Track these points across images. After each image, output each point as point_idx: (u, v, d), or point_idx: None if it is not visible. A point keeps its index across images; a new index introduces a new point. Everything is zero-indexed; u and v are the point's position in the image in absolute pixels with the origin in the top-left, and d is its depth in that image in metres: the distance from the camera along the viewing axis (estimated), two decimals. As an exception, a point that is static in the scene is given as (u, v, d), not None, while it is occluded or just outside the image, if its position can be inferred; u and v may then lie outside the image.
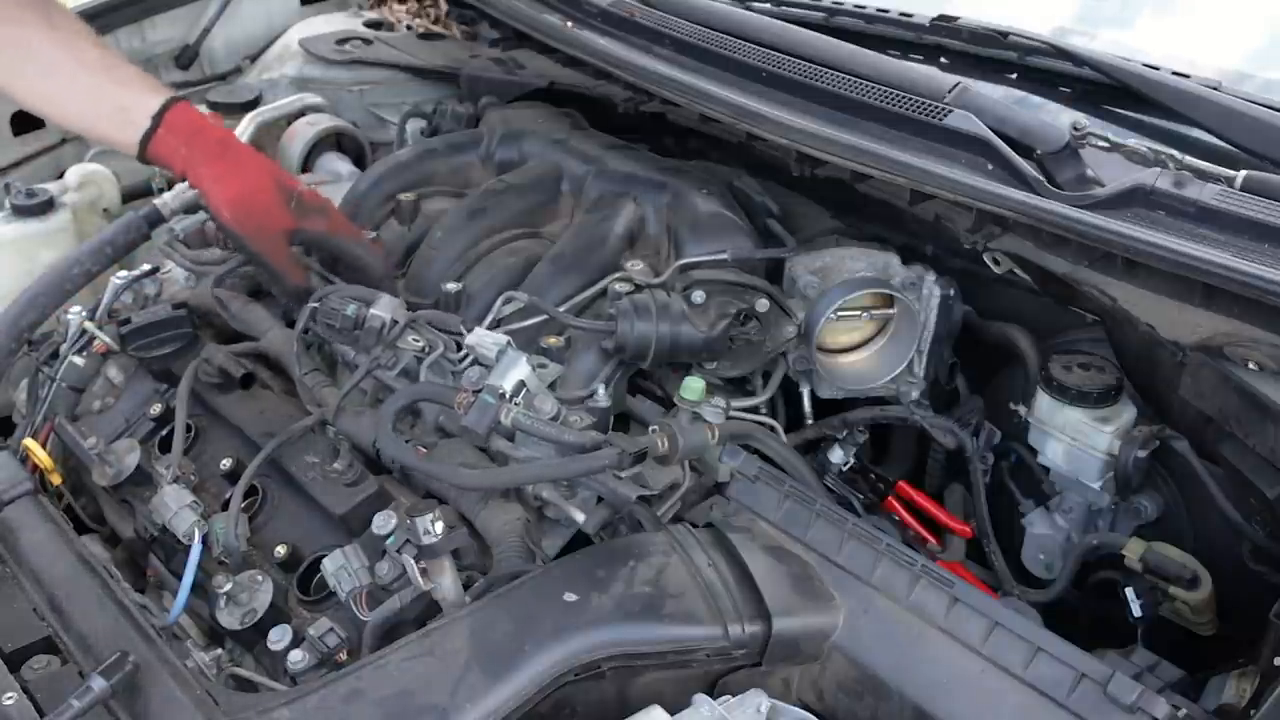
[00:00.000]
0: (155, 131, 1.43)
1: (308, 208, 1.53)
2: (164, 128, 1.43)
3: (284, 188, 1.51)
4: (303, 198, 1.52)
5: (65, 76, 1.43)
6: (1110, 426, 1.39)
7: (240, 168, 1.48)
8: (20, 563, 1.26)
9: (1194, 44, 1.70)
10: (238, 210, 1.47)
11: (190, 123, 1.46)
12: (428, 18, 2.50)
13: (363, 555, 1.30)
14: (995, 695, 1.12)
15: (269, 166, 1.53)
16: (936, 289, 1.53)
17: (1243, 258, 1.19)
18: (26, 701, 1.06)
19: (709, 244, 1.58)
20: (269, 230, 1.50)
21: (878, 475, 1.63)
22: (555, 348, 1.46)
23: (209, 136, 1.47)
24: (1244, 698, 1.11)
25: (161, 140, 1.44)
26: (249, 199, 1.48)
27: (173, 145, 1.45)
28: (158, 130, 1.43)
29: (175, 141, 1.45)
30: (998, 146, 1.34)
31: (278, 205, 1.50)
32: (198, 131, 1.46)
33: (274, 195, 1.50)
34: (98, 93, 1.44)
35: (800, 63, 1.55)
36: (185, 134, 1.45)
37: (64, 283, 1.83)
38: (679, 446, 1.27)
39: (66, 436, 1.56)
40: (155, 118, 1.43)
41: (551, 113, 1.95)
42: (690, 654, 1.16)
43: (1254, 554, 1.31)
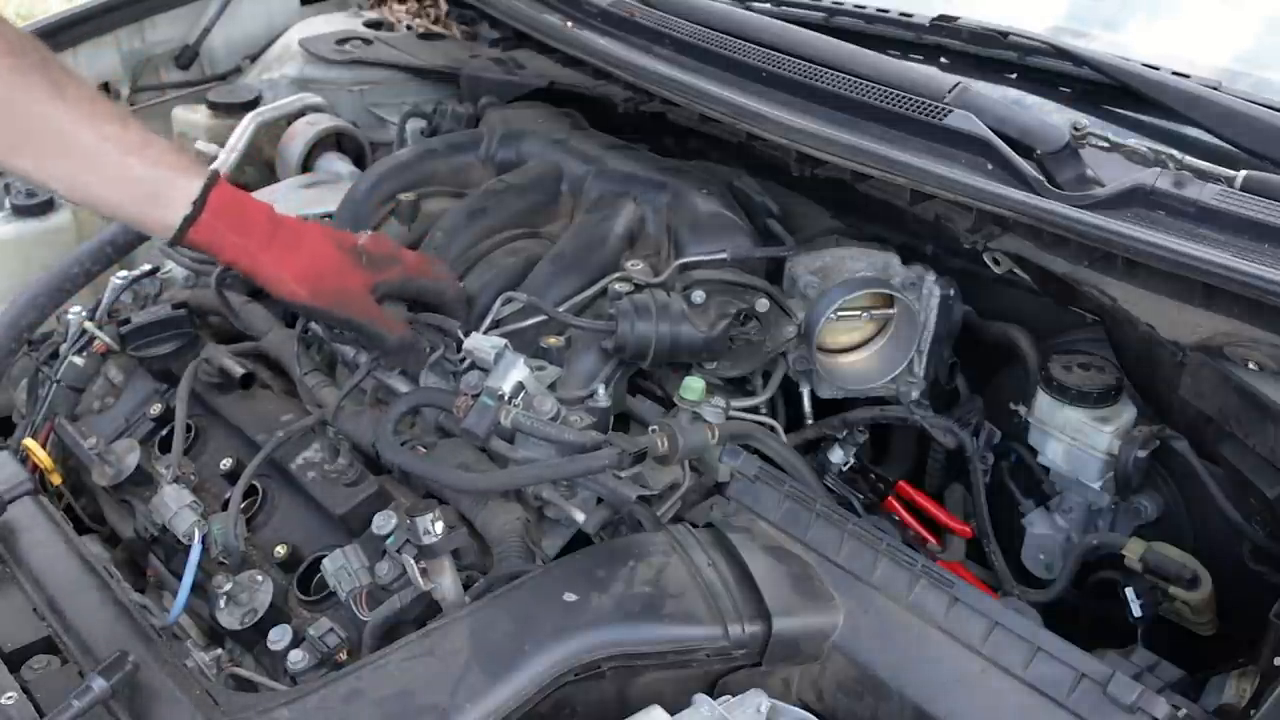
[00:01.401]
0: (198, 218, 1.29)
1: (378, 258, 1.42)
2: (207, 213, 1.29)
3: (348, 247, 1.41)
4: (369, 250, 1.42)
5: (84, 154, 1.26)
6: (1110, 426, 1.39)
7: (298, 242, 1.36)
8: (20, 563, 1.26)
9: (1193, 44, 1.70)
10: (315, 285, 1.35)
11: (235, 205, 1.33)
12: (428, 18, 2.50)
13: (363, 555, 1.30)
14: (995, 695, 1.12)
15: (324, 232, 1.42)
16: (936, 289, 1.53)
17: (1243, 258, 1.19)
18: (26, 701, 1.06)
19: (709, 244, 1.58)
20: (351, 294, 1.38)
21: (878, 475, 1.63)
22: (555, 348, 1.46)
23: (258, 219, 1.35)
24: (1244, 698, 1.11)
25: (205, 226, 1.30)
26: (320, 271, 1.36)
27: (219, 232, 1.31)
28: (200, 217, 1.29)
29: (222, 227, 1.31)
30: (998, 146, 1.34)
31: (349, 266, 1.39)
32: (244, 215, 1.34)
33: (342, 258, 1.39)
34: (124, 173, 1.28)
35: (800, 63, 1.55)
36: (233, 221, 1.32)
37: (64, 283, 1.84)
38: (679, 446, 1.27)
39: (66, 436, 1.56)
40: (197, 203, 1.28)
41: (551, 113, 1.95)
42: (690, 654, 1.16)
43: (1254, 554, 1.31)
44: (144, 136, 1.29)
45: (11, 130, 1.24)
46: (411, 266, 1.45)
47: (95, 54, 2.42)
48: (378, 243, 1.44)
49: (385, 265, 1.42)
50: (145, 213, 1.31)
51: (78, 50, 2.39)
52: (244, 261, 1.34)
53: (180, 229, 1.29)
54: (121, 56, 2.46)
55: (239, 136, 2.15)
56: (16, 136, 1.24)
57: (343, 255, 1.39)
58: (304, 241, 1.37)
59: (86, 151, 1.26)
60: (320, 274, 1.36)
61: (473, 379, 1.39)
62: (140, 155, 1.28)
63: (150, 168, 1.28)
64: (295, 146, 2.15)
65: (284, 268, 1.34)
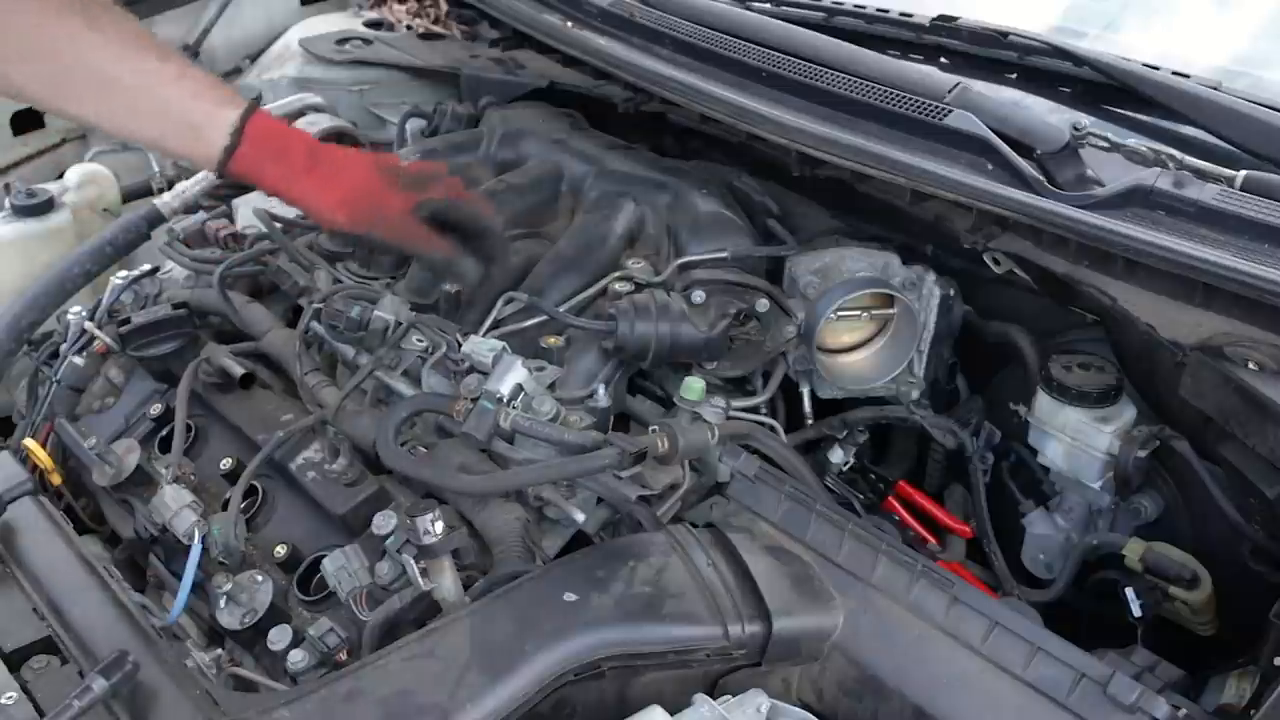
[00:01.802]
0: (237, 149, 1.30)
1: (419, 179, 1.42)
2: (246, 144, 1.30)
3: (387, 170, 1.41)
4: (410, 172, 1.43)
5: (124, 91, 1.27)
6: (1110, 426, 1.39)
7: (337, 169, 1.37)
8: (20, 563, 1.26)
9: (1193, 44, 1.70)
10: (352, 211, 1.36)
11: (273, 135, 1.34)
12: (428, 18, 2.50)
13: (363, 555, 1.30)
14: (995, 695, 1.12)
15: (366, 158, 1.43)
16: (936, 289, 1.53)
17: (1243, 258, 1.19)
18: (26, 701, 1.06)
19: (709, 243, 1.58)
20: (391, 217, 1.38)
21: (878, 475, 1.63)
22: (555, 348, 1.46)
23: (296, 147, 1.36)
24: (1244, 698, 1.11)
25: (245, 157, 1.31)
26: (358, 196, 1.37)
27: (258, 161, 1.32)
28: (239, 147, 1.30)
29: (260, 157, 1.32)
30: (998, 146, 1.34)
31: (389, 190, 1.38)
32: (283, 144, 1.35)
33: (382, 181, 1.39)
34: (164, 108, 1.29)
35: (800, 63, 1.55)
36: (271, 149, 1.33)
37: (64, 283, 1.84)
38: (679, 446, 1.27)
39: (66, 436, 1.56)
40: (235, 134, 1.29)
41: (551, 113, 1.95)
42: (690, 654, 1.16)
43: (1254, 554, 1.31)
44: (181, 69, 1.30)
45: (51, 71, 1.25)
46: (453, 191, 1.44)
47: (95, 54, 2.42)
48: (421, 167, 1.46)
49: (425, 185, 1.41)
50: (187, 145, 1.32)
51: (78, 50, 2.38)
52: (284, 189, 1.35)
53: (221, 160, 1.30)
54: (122, 56, 2.46)
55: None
56: (57, 77, 1.26)
57: (381, 177, 1.39)
58: (343, 169, 1.38)
59: (125, 88, 1.27)
60: (357, 198, 1.36)
61: (471, 382, 1.39)
62: (178, 88, 1.28)
63: (189, 100, 1.29)
64: (295, 146, 2.15)
65: (322, 194, 1.35)
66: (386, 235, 1.39)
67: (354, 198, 1.36)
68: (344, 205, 1.36)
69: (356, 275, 1.68)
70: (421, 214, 1.40)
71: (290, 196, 1.36)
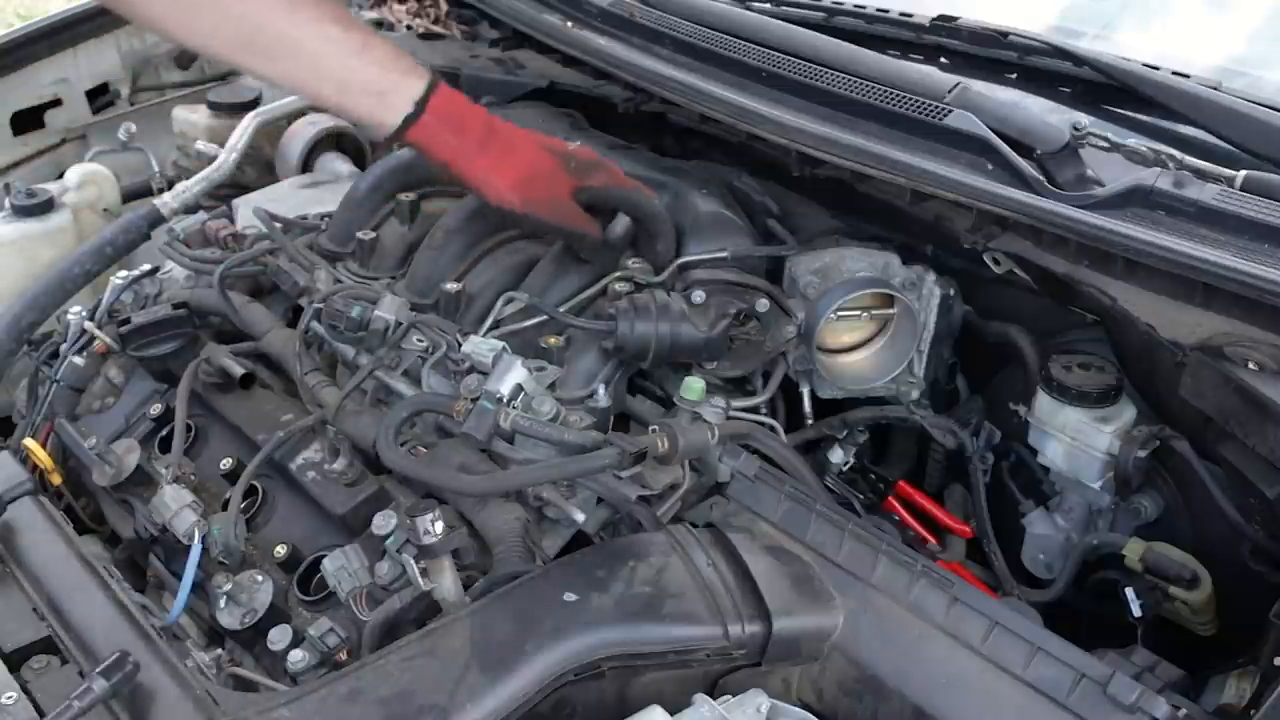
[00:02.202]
0: (419, 119, 1.35)
1: (585, 165, 1.48)
2: (428, 114, 1.35)
3: (558, 154, 1.46)
4: (578, 156, 1.48)
5: (308, 55, 1.33)
6: (1110, 426, 1.39)
7: (513, 149, 1.42)
8: (20, 563, 1.26)
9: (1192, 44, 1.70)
10: (526, 192, 1.41)
11: (455, 110, 1.39)
12: (428, 18, 2.50)
13: (363, 555, 1.30)
14: (995, 695, 1.12)
15: (537, 139, 1.47)
16: (936, 289, 1.53)
17: (1243, 258, 1.19)
18: (26, 701, 1.06)
19: (709, 243, 1.57)
20: (561, 200, 1.45)
21: (878, 475, 1.63)
22: (555, 348, 1.46)
23: (475, 124, 1.40)
24: (1244, 698, 1.11)
25: (425, 127, 1.36)
26: (532, 178, 1.42)
27: (437, 133, 1.37)
28: (421, 118, 1.35)
29: (441, 130, 1.37)
30: (998, 146, 1.34)
31: (559, 173, 1.44)
32: (463, 118, 1.39)
33: (553, 165, 1.44)
34: (348, 76, 1.34)
35: (800, 63, 1.55)
36: (452, 123, 1.38)
37: (64, 283, 1.84)
38: (679, 446, 1.27)
39: (66, 436, 1.56)
40: (419, 104, 1.35)
41: (551, 113, 1.95)
42: (690, 654, 1.16)
43: (1254, 554, 1.31)
44: (365, 38, 1.35)
45: (238, 31, 1.31)
46: (614, 177, 1.51)
47: (95, 54, 2.42)
48: (586, 152, 1.50)
49: (591, 171, 1.47)
50: (369, 110, 1.36)
51: (78, 50, 2.39)
52: (458, 163, 1.39)
53: (399, 128, 1.35)
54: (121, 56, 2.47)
55: (239, 136, 2.15)
56: (244, 37, 1.32)
57: (554, 163, 1.44)
58: (518, 148, 1.42)
59: (311, 53, 1.33)
60: (532, 181, 1.41)
61: (471, 382, 1.39)
62: (361, 58, 1.33)
63: (374, 69, 1.34)
64: (295, 146, 2.15)
65: (497, 173, 1.39)
66: (555, 218, 1.45)
67: (528, 179, 1.41)
68: (518, 186, 1.40)
69: (356, 275, 1.68)
70: (582, 199, 1.46)
71: (462, 171, 1.40)
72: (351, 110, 1.40)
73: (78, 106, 2.43)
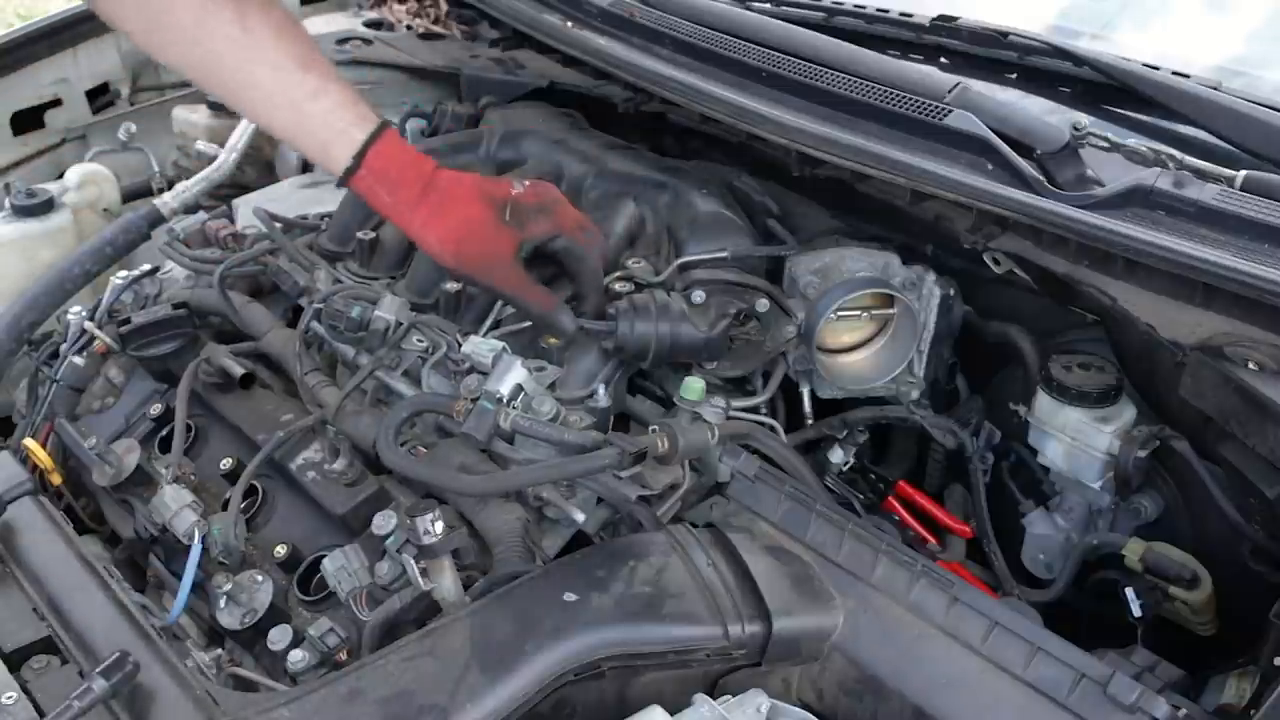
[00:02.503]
0: (356, 171, 1.32)
1: (526, 211, 1.39)
2: (364, 169, 1.32)
3: (497, 203, 1.37)
4: (518, 202, 1.39)
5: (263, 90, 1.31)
6: (1110, 426, 1.39)
7: (447, 202, 1.35)
8: (20, 563, 1.26)
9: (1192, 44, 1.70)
10: (458, 249, 1.35)
11: (393, 164, 1.34)
12: (428, 18, 2.50)
13: (363, 555, 1.30)
14: (995, 695, 1.12)
15: (476, 188, 1.39)
16: (936, 289, 1.53)
17: (1243, 258, 1.19)
18: (26, 702, 1.06)
19: (709, 243, 1.58)
20: (497, 260, 1.36)
21: (878, 475, 1.63)
22: (555, 348, 1.46)
23: (410, 177, 1.35)
24: (1244, 698, 1.11)
25: (361, 180, 1.33)
26: (465, 234, 1.35)
27: (371, 186, 1.34)
28: (359, 170, 1.32)
29: (375, 183, 1.34)
30: (998, 146, 1.34)
31: (495, 228, 1.36)
32: (400, 174, 1.34)
33: (489, 218, 1.36)
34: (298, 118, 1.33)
35: (800, 63, 1.55)
36: (387, 178, 1.34)
37: (64, 283, 1.84)
38: (679, 446, 1.27)
39: (66, 436, 1.56)
40: (356, 157, 1.32)
41: (551, 113, 1.95)
42: (690, 654, 1.16)
43: (1254, 554, 1.31)
44: (320, 84, 1.32)
45: (202, 57, 1.31)
46: (565, 224, 1.43)
47: (95, 54, 2.42)
48: (536, 193, 1.42)
49: (533, 219, 1.40)
50: (316, 157, 1.37)
51: (78, 50, 2.39)
52: (394, 217, 1.37)
53: (341, 179, 1.34)
54: (121, 56, 2.47)
55: (239, 136, 2.16)
56: (207, 64, 1.32)
57: (490, 216, 1.37)
58: (453, 203, 1.36)
59: (265, 91, 1.32)
60: (466, 239, 1.36)
61: (471, 382, 1.39)
62: (313, 102, 1.31)
63: (319, 117, 1.32)
64: (295, 146, 2.15)
65: (430, 230, 1.35)
66: (491, 281, 1.38)
67: (461, 237, 1.35)
68: (451, 244, 1.35)
69: (356, 275, 1.68)
70: (524, 251, 1.39)
71: (402, 227, 1.38)
72: (303, 151, 1.40)
73: (78, 106, 2.43)
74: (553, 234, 1.41)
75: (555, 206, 1.44)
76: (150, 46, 1.34)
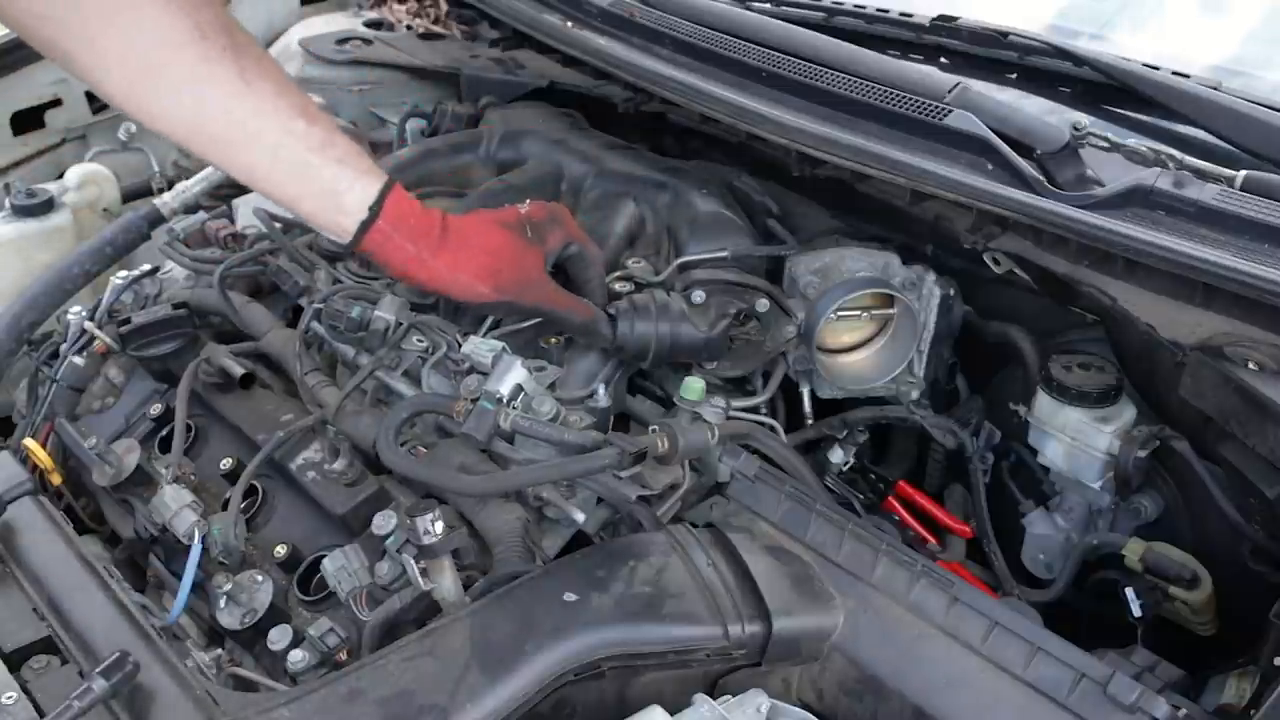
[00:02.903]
0: (373, 224, 1.25)
1: (541, 226, 1.37)
2: (383, 218, 1.25)
3: (514, 225, 1.35)
4: (532, 219, 1.37)
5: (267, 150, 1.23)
6: (1110, 426, 1.39)
7: (469, 240, 1.32)
8: (20, 563, 1.26)
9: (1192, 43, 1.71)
10: (495, 280, 1.32)
11: (410, 212, 1.28)
12: (428, 18, 2.50)
13: (363, 555, 1.30)
14: (995, 695, 1.12)
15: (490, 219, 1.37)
16: (936, 289, 1.53)
17: (1243, 258, 1.19)
18: (26, 702, 1.06)
19: (709, 243, 1.58)
20: (533, 280, 1.35)
21: (878, 475, 1.63)
22: (555, 348, 1.46)
23: (428, 223, 1.29)
24: (1244, 698, 1.11)
25: (380, 232, 1.26)
26: (497, 264, 1.32)
27: (390, 238, 1.26)
28: (375, 223, 1.25)
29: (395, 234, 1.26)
30: (997, 146, 1.34)
31: (523, 250, 1.34)
32: (419, 222, 1.29)
33: (514, 241, 1.34)
34: (304, 170, 1.24)
35: (800, 63, 1.55)
36: (406, 228, 1.27)
37: (64, 283, 1.84)
38: (679, 446, 1.27)
39: (66, 436, 1.56)
40: (374, 207, 1.25)
41: (551, 113, 1.95)
42: (690, 654, 1.16)
43: (1254, 554, 1.31)
44: (327, 135, 1.25)
45: (198, 120, 1.21)
46: (575, 231, 1.42)
47: (95, 54, 2.41)
48: (539, 210, 1.40)
49: (550, 231, 1.38)
50: (324, 211, 1.27)
51: (78, 50, 2.38)
52: (417, 269, 1.29)
53: (356, 233, 1.26)
54: (121, 56, 2.46)
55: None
56: (203, 127, 1.22)
57: (513, 239, 1.35)
58: (474, 237, 1.33)
59: (271, 145, 1.23)
60: (498, 268, 1.32)
61: (471, 382, 1.39)
62: (322, 154, 1.24)
63: (332, 166, 1.25)
64: (295, 146, 2.15)
65: (459, 270, 1.30)
66: (534, 301, 1.36)
67: (494, 267, 1.32)
68: (485, 277, 1.31)
69: (356, 275, 1.68)
70: (550, 268, 1.38)
71: (423, 277, 1.30)
72: (307, 209, 1.29)
73: (78, 106, 2.43)
74: (567, 242, 1.41)
75: (562, 216, 1.43)
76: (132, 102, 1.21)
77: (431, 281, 1.32)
